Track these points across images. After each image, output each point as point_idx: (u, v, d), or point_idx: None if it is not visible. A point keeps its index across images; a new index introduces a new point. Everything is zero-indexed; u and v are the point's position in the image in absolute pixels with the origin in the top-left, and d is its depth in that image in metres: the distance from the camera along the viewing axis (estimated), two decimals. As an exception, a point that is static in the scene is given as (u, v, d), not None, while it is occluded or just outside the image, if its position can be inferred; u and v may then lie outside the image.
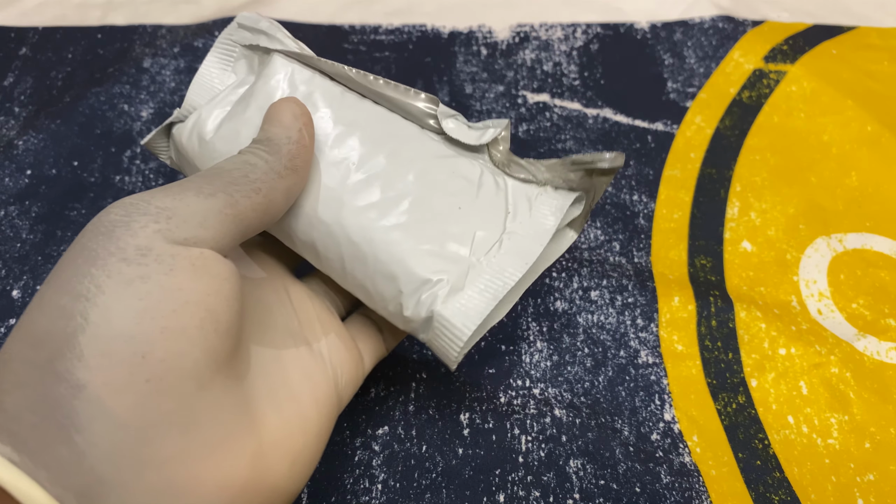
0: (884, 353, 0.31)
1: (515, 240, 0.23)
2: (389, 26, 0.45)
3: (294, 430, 0.20)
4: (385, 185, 0.22)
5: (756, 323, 0.31)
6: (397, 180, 0.23)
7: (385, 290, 0.22)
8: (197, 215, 0.18)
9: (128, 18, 0.45)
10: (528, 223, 0.23)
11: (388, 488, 0.27)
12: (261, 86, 0.23)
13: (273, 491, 0.19)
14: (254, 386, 0.19)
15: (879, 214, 0.36)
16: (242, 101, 0.23)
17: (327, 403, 0.22)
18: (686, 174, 0.38)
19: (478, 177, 0.24)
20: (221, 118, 0.23)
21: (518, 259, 0.22)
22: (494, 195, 0.24)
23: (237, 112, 0.23)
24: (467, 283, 0.22)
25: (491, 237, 0.23)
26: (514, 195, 0.24)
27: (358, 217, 0.22)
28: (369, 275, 0.22)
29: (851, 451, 0.28)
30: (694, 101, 0.41)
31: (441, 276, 0.22)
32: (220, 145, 0.23)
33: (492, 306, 0.22)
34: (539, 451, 0.28)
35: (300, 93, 0.23)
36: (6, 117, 0.39)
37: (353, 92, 0.24)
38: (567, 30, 0.45)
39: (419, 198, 0.22)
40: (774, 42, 0.44)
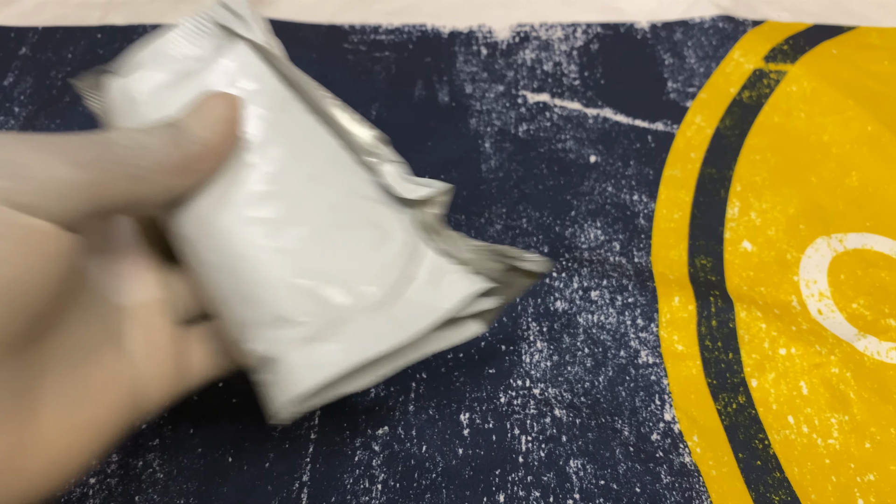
0: (884, 353, 0.31)
1: (405, 308, 0.21)
2: (389, 26, 0.45)
3: (69, 432, 0.18)
4: (287, 205, 0.20)
5: (756, 323, 0.31)
6: (302, 204, 0.20)
7: (237, 312, 0.20)
8: (53, 184, 0.16)
9: (127, 18, 0.45)
10: (425, 296, 0.21)
11: (388, 488, 0.27)
12: (211, 68, 0.21)
13: (25, 490, 0.17)
14: (42, 376, 0.17)
15: (880, 214, 0.36)
16: (188, 76, 0.21)
17: (118, 411, 0.19)
18: (686, 174, 0.38)
19: (391, 231, 0.22)
20: (160, 84, 0.21)
21: (399, 329, 0.20)
22: (400, 255, 0.21)
23: (177, 84, 0.21)
24: (333, 337, 0.20)
25: (379, 297, 0.20)
26: (424, 264, 0.22)
27: (243, 227, 0.20)
28: (230, 290, 0.20)
29: (852, 452, 0.28)
30: (694, 101, 0.41)
31: (305, 319, 0.19)
32: (148, 111, 0.21)
33: (347, 369, 0.19)
34: (539, 451, 0.28)
35: (248, 89, 0.21)
36: (6, 117, 0.39)
37: (303, 104, 0.22)
38: (567, 30, 0.45)
39: (318, 230, 0.20)
40: (775, 42, 0.44)
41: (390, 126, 0.39)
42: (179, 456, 0.27)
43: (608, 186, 0.37)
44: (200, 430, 0.28)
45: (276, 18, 0.45)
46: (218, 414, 0.29)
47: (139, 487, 0.27)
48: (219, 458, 0.27)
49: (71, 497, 0.26)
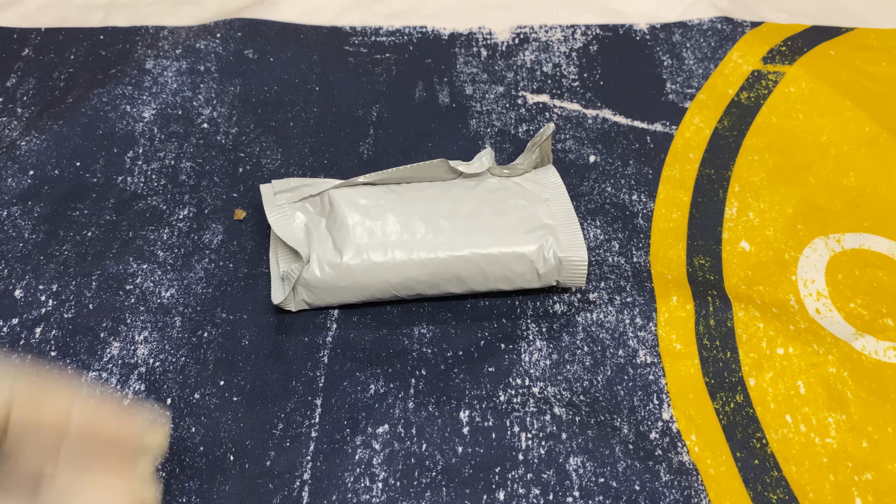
0: (881, 352, 0.31)
1: (551, 199, 0.33)
2: (390, 28, 0.45)
3: None
4: (467, 216, 0.31)
5: (754, 322, 0.31)
6: (469, 210, 0.31)
7: (521, 269, 0.31)
8: None
9: (130, 20, 0.45)
10: (545, 188, 0.34)
11: (388, 487, 0.27)
12: (334, 216, 0.31)
13: None
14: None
15: (877, 214, 0.36)
16: (325, 230, 0.32)
17: None
18: (685, 174, 0.38)
19: (502, 185, 0.33)
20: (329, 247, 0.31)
21: (562, 203, 0.33)
22: (520, 189, 0.33)
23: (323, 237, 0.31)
24: (557, 234, 0.31)
25: (543, 208, 0.32)
26: (523, 184, 0.34)
27: (476, 240, 0.31)
28: (505, 266, 0.31)
29: (849, 451, 0.28)
30: (693, 102, 0.41)
31: (546, 238, 0.31)
32: (355, 268, 0.30)
33: (580, 233, 0.32)
34: (539, 448, 0.28)
35: (363, 205, 0.31)
36: (9, 118, 0.39)
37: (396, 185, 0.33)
38: (566, 31, 0.45)
39: (487, 213, 0.32)
40: (773, 43, 0.44)
41: (391, 127, 0.40)
42: (181, 454, 0.28)
43: (607, 186, 0.37)
44: (202, 428, 0.28)
45: (278, 20, 0.45)
46: (219, 413, 0.29)
47: (141, 485, 0.27)
48: (220, 456, 0.28)
49: (73, 495, 0.26)
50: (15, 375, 0.19)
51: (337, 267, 0.30)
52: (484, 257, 0.30)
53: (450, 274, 0.30)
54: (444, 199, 0.32)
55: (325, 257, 0.30)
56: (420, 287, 0.31)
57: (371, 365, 0.30)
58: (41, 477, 0.19)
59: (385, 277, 0.30)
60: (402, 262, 0.30)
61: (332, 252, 0.30)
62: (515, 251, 0.31)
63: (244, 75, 0.42)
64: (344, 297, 0.31)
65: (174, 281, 0.33)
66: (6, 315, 0.31)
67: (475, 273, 0.31)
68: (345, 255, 0.30)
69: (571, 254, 0.31)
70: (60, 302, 0.32)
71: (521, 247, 0.31)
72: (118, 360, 0.30)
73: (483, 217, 0.31)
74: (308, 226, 0.32)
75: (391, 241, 0.30)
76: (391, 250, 0.30)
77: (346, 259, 0.30)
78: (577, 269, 0.31)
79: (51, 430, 0.19)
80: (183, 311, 0.32)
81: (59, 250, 0.34)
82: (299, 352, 0.31)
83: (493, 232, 0.31)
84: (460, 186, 0.33)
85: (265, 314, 0.32)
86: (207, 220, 0.35)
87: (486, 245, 0.30)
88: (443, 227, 0.31)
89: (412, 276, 0.30)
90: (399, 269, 0.30)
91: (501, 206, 0.32)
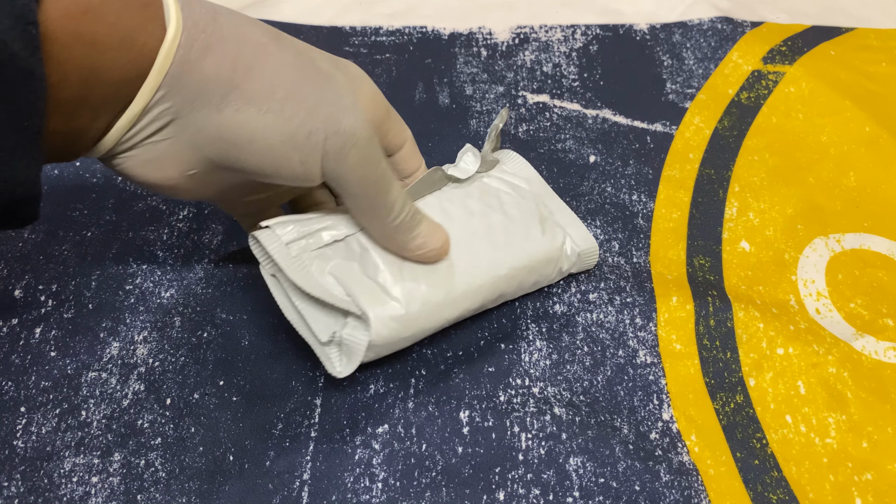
0: (881, 352, 0.31)
1: (533, 189, 0.33)
2: (390, 28, 0.45)
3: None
4: (488, 230, 0.29)
5: (754, 322, 0.31)
6: (487, 224, 0.30)
7: (549, 271, 0.31)
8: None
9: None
10: (522, 178, 0.33)
11: (388, 487, 0.27)
12: (372, 260, 0.28)
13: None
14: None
15: (877, 215, 0.36)
16: (365, 277, 0.28)
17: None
18: (685, 174, 0.38)
19: (490, 185, 0.32)
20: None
21: (546, 191, 0.34)
22: (504, 184, 0.32)
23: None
24: (565, 228, 0.32)
25: (533, 202, 0.32)
26: (503, 177, 0.33)
27: (512, 256, 0.29)
28: (537, 273, 0.31)
29: (849, 451, 0.28)
30: (693, 102, 0.41)
31: (563, 235, 0.31)
32: (418, 315, 0.28)
33: (580, 221, 0.33)
34: (539, 448, 0.28)
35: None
36: (8, 118, 0.39)
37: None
38: (566, 31, 0.45)
39: (499, 220, 0.30)
40: (773, 43, 0.44)
41: (390, 127, 0.40)
42: (181, 455, 0.28)
43: (607, 186, 0.37)
44: (202, 429, 0.28)
45: (278, 21, 0.45)
46: (219, 413, 0.29)
47: (141, 486, 0.27)
48: (220, 456, 0.28)
49: (73, 496, 0.26)
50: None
51: (401, 319, 0.27)
52: (520, 270, 0.30)
53: (495, 294, 0.30)
54: (457, 217, 0.29)
55: (386, 312, 0.26)
56: (469, 314, 0.30)
57: (371, 365, 0.30)
58: None
59: (444, 316, 0.28)
60: (459, 296, 0.28)
61: (390, 304, 0.26)
62: (544, 257, 0.30)
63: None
64: (400, 346, 0.28)
65: (174, 281, 0.33)
66: (6, 315, 0.31)
67: (514, 287, 0.30)
68: (406, 305, 0.27)
69: (586, 246, 0.32)
70: (60, 302, 0.32)
71: (548, 252, 0.30)
72: (118, 360, 0.30)
73: (499, 227, 0.30)
74: (336, 276, 0.27)
75: (441, 277, 0.28)
76: (445, 287, 0.28)
77: (410, 309, 0.27)
78: (592, 258, 0.32)
79: None
80: (182, 311, 0.32)
81: (59, 250, 0.34)
82: (299, 352, 0.31)
83: (520, 242, 0.30)
84: (460, 196, 0.31)
85: (265, 314, 0.32)
86: (207, 220, 0.35)
87: (520, 258, 0.30)
88: (479, 251, 0.29)
89: (467, 308, 0.29)
90: (457, 304, 0.28)
91: (505, 208, 0.31)
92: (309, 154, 0.24)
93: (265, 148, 0.24)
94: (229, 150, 0.24)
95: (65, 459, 0.27)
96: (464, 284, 0.28)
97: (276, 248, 0.26)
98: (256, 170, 0.24)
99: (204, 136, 0.23)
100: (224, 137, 0.23)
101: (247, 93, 0.23)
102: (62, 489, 0.27)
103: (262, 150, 0.24)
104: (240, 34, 0.23)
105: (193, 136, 0.23)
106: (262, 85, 0.23)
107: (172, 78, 0.22)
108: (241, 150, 0.24)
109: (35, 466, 0.27)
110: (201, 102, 0.23)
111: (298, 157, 0.24)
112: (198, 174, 0.25)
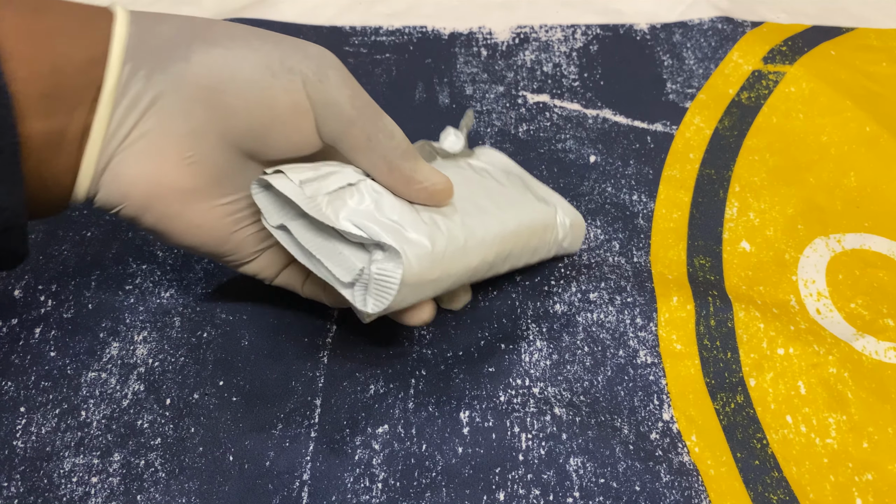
0: (882, 352, 0.31)
1: (513, 173, 0.33)
2: (390, 28, 0.45)
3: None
4: (489, 192, 0.29)
5: (755, 322, 0.31)
6: (484, 187, 0.30)
7: (548, 238, 0.31)
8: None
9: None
10: (498, 166, 0.33)
11: (388, 487, 0.27)
12: (387, 203, 0.26)
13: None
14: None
15: (878, 215, 0.36)
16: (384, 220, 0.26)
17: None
18: (685, 174, 0.38)
19: (472, 165, 0.32)
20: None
21: (525, 175, 0.34)
22: (483, 165, 0.32)
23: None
24: (552, 202, 0.32)
25: (523, 183, 0.32)
26: (480, 163, 0.32)
27: (518, 214, 0.29)
28: (538, 237, 0.30)
29: (849, 451, 0.28)
30: (693, 102, 0.41)
31: (554, 206, 0.31)
32: (443, 255, 0.26)
33: (564, 199, 0.33)
34: (539, 448, 0.28)
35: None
36: (8, 118, 0.39)
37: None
38: (567, 31, 0.45)
39: (495, 188, 0.30)
40: (773, 43, 0.44)
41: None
42: (181, 455, 0.28)
43: (608, 186, 0.37)
44: (202, 429, 0.28)
45: (278, 21, 0.45)
46: (219, 413, 0.29)
47: (141, 486, 0.27)
48: (220, 457, 0.28)
49: (73, 496, 0.26)
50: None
51: (428, 257, 0.25)
52: (525, 228, 0.29)
53: (506, 250, 0.28)
54: (457, 179, 0.28)
55: (413, 250, 0.24)
56: (483, 271, 0.28)
57: (371, 365, 0.30)
58: None
59: (466, 263, 0.26)
60: (477, 243, 0.26)
61: (416, 242, 0.24)
62: (542, 222, 0.30)
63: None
64: (426, 293, 0.26)
65: (173, 281, 0.33)
66: (6, 315, 0.31)
67: (520, 247, 0.29)
68: (433, 243, 0.25)
69: (575, 217, 0.32)
70: (60, 302, 0.32)
71: (545, 217, 0.30)
72: (118, 360, 0.30)
73: (496, 189, 0.29)
74: (353, 220, 0.25)
75: (457, 223, 0.26)
76: (464, 232, 0.26)
77: (436, 248, 0.25)
78: (580, 230, 0.33)
79: None
80: (182, 311, 0.32)
81: (58, 250, 0.34)
82: (299, 352, 0.31)
83: (520, 202, 0.30)
84: (451, 166, 0.30)
85: (265, 314, 0.32)
86: (207, 220, 0.35)
87: (523, 217, 0.29)
88: (484, 205, 0.28)
89: (484, 258, 0.27)
90: (476, 252, 0.27)
91: (497, 177, 0.31)
92: (289, 80, 0.24)
93: (246, 83, 0.24)
94: (214, 100, 0.23)
95: (64, 459, 0.27)
96: (480, 231, 0.27)
97: (291, 188, 0.24)
98: (246, 115, 0.24)
99: (185, 94, 0.23)
100: (203, 85, 0.23)
101: (208, 38, 0.23)
102: (62, 489, 0.27)
103: (244, 86, 0.24)
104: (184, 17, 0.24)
105: (176, 101, 0.23)
106: (220, 31, 0.24)
107: (134, 47, 0.23)
108: (224, 93, 0.23)
109: (35, 466, 0.27)
110: (168, 59, 0.23)
111: (280, 85, 0.24)
112: (198, 159, 0.24)
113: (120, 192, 0.24)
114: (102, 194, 0.24)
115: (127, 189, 0.24)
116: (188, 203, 0.25)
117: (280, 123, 0.24)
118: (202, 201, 0.25)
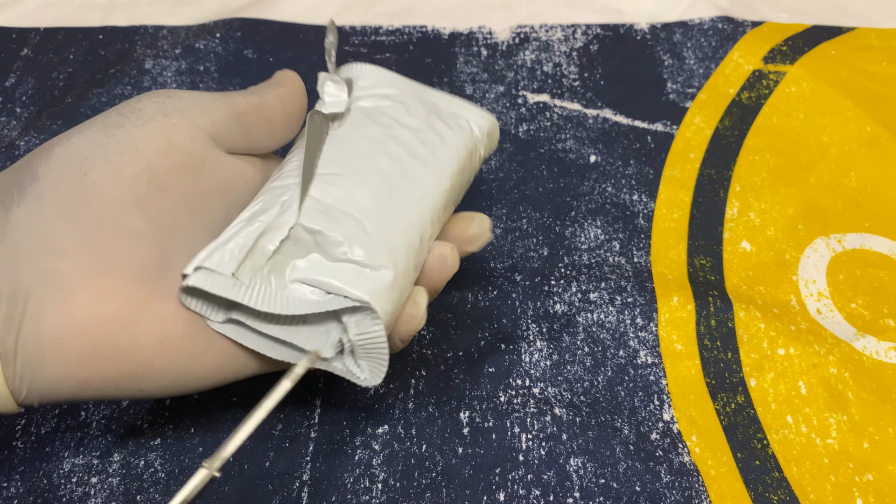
0: (883, 352, 0.31)
1: (407, 91, 0.29)
2: (390, 27, 0.45)
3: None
4: (408, 151, 0.26)
5: (755, 323, 0.31)
6: (397, 144, 0.26)
7: (474, 163, 0.28)
8: (194, 101, 0.23)
9: (129, 19, 0.45)
10: (399, 85, 0.29)
11: (388, 487, 0.27)
12: (331, 241, 0.23)
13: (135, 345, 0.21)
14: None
15: (878, 215, 0.36)
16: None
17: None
18: (685, 174, 0.38)
19: (363, 110, 0.28)
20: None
21: (414, 84, 0.29)
22: (383, 100, 0.28)
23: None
24: (458, 113, 0.28)
25: (424, 107, 0.28)
26: (374, 96, 0.28)
27: (440, 167, 0.26)
28: (469, 171, 0.28)
29: (850, 451, 0.28)
30: (693, 102, 0.41)
31: (465, 121, 0.28)
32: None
33: (471, 104, 0.29)
34: (539, 449, 0.28)
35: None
36: (8, 118, 0.39)
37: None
38: (567, 31, 0.45)
39: (408, 137, 0.26)
40: (774, 43, 0.44)
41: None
42: (180, 455, 0.28)
43: (608, 186, 0.37)
44: (201, 429, 0.28)
45: (278, 20, 0.45)
46: (218, 413, 0.29)
47: (141, 487, 0.27)
48: (220, 456, 0.27)
49: (73, 496, 0.26)
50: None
51: (396, 282, 0.23)
52: (456, 175, 0.26)
53: (451, 210, 0.27)
54: (374, 152, 0.25)
55: (378, 286, 0.22)
56: (427, 239, 0.25)
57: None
58: None
59: (427, 249, 0.25)
60: (429, 224, 0.25)
61: (378, 275, 0.22)
62: (466, 151, 0.27)
63: (244, 75, 0.42)
64: (398, 305, 0.24)
65: (173, 281, 0.33)
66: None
67: (457, 195, 0.27)
68: (394, 264, 0.23)
69: (487, 123, 0.28)
70: (59, 302, 0.32)
71: (467, 144, 0.27)
72: (117, 360, 0.30)
73: (413, 142, 0.26)
74: (303, 279, 0.22)
75: (405, 212, 0.24)
76: (415, 218, 0.24)
77: (399, 266, 0.23)
78: (495, 133, 0.28)
79: None
80: (182, 311, 0.32)
81: (58, 250, 0.34)
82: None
83: (441, 147, 0.26)
84: (355, 132, 0.26)
85: (265, 314, 0.32)
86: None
87: (452, 163, 0.26)
88: (414, 174, 0.25)
89: (425, 232, 0.25)
90: (417, 230, 0.24)
91: (402, 121, 0.26)
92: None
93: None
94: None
95: (64, 460, 0.27)
96: (427, 208, 0.25)
97: (226, 286, 0.21)
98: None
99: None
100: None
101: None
102: (61, 490, 0.27)
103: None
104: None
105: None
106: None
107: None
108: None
109: (34, 467, 0.27)
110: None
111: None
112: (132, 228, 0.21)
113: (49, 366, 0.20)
114: (32, 386, 0.20)
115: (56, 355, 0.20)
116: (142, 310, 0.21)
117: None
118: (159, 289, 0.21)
